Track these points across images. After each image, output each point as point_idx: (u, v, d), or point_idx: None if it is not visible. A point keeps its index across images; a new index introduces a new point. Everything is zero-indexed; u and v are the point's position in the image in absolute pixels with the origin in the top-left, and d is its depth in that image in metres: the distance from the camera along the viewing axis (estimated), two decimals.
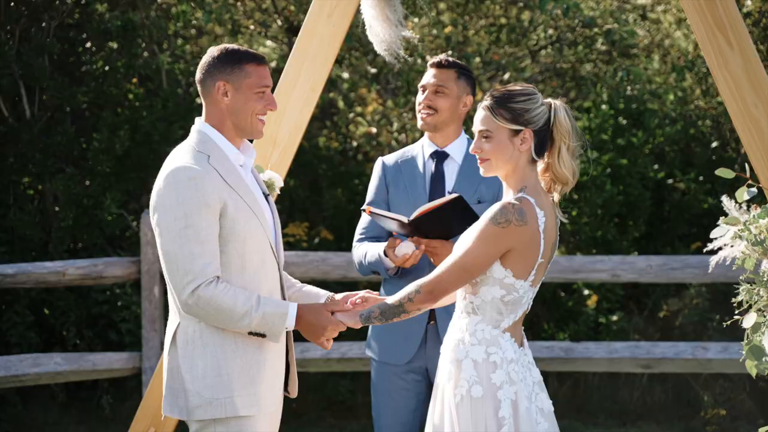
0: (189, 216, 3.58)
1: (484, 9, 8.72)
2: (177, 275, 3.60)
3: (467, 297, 3.74)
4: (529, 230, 3.63)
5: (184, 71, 8.17)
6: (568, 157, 3.71)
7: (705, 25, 4.30)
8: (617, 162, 7.98)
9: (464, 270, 3.64)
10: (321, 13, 4.62)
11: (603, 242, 7.89)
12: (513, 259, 3.65)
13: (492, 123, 3.68)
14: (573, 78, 8.84)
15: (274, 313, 3.66)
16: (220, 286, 3.59)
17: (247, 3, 8.62)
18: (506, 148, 3.68)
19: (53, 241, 7.64)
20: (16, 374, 6.76)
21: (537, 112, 3.68)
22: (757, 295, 3.82)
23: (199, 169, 3.62)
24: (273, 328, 3.66)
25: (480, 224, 3.65)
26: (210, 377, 3.68)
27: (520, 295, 3.73)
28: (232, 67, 3.73)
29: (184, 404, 3.72)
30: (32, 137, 7.66)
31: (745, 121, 4.25)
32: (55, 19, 7.79)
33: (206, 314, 3.62)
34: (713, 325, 7.66)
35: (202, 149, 3.71)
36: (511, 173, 3.71)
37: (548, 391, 3.89)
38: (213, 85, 3.74)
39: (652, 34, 9.19)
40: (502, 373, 3.67)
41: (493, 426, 3.63)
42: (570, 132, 3.70)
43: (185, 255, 3.58)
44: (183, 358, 3.71)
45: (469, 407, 3.65)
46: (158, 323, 6.86)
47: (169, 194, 3.60)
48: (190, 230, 3.58)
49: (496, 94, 3.70)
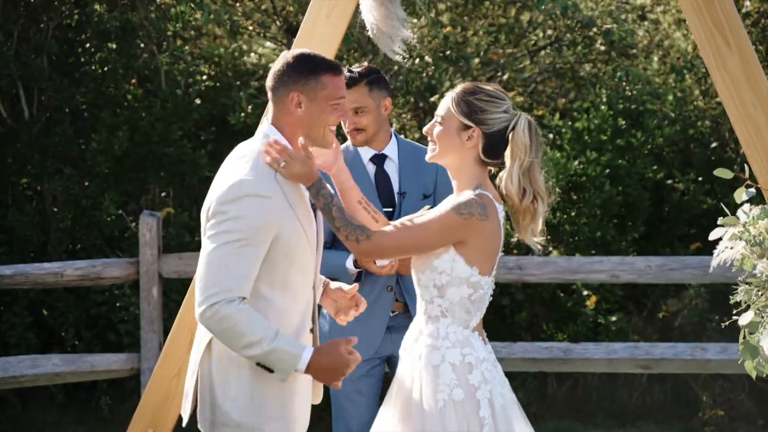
0: (242, 231, 3.47)
1: (483, 9, 8.71)
2: (204, 283, 3.50)
3: (434, 301, 3.72)
4: (490, 225, 3.65)
5: (183, 72, 8.16)
6: (516, 174, 3.68)
7: (703, 25, 4.29)
8: (616, 162, 7.97)
9: (413, 244, 3.64)
10: (319, 13, 4.61)
11: (602, 243, 7.88)
12: (476, 254, 3.66)
13: (448, 111, 3.71)
14: (572, 78, 8.83)
15: (288, 351, 3.51)
16: (241, 307, 3.47)
17: (246, 4, 8.61)
18: (452, 139, 3.69)
19: (52, 242, 7.64)
20: (14, 375, 6.75)
21: (494, 116, 3.68)
22: (756, 296, 3.82)
23: (267, 192, 3.50)
24: (282, 366, 3.53)
25: (441, 210, 3.66)
26: (242, 399, 3.59)
27: (485, 291, 3.74)
28: (307, 77, 3.59)
29: (210, 418, 3.64)
30: (31, 138, 7.66)
31: (744, 121, 4.24)
32: (53, 19, 7.78)
33: (218, 330, 3.50)
34: (712, 325, 7.66)
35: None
36: (459, 169, 3.72)
37: (547, 392, 3.92)
38: (286, 95, 3.60)
39: (651, 34, 9.18)
40: (478, 373, 3.69)
41: (476, 426, 3.64)
42: (526, 147, 3.67)
43: (221, 267, 3.48)
44: (217, 372, 3.62)
45: (453, 411, 3.65)
46: (157, 324, 6.85)
47: (230, 204, 3.49)
48: (236, 245, 3.47)
49: (465, 87, 3.73)
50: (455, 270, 3.67)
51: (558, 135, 8.46)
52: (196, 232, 7.96)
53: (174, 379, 4.78)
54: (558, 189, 7.98)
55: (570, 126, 8.21)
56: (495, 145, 3.69)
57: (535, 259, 7.06)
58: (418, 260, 3.73)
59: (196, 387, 3.69)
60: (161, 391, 4.81)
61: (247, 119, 7.87)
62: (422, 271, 3.72)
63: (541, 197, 3.73)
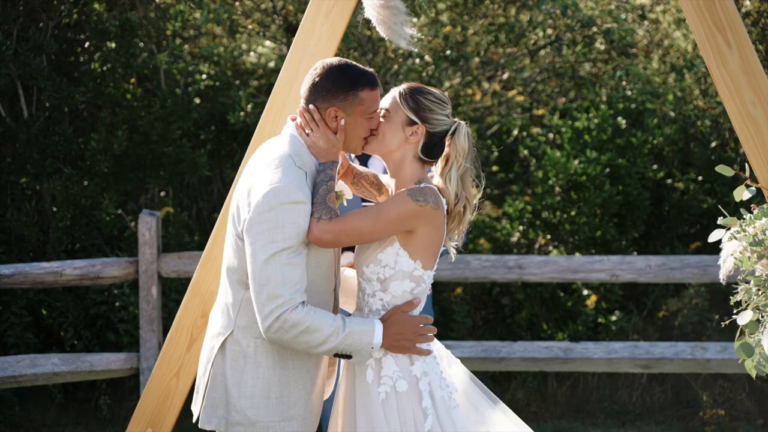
0: (287, 240, 3.53)
1: (483, 9, 8.70)
2: (262, 299, 3.54)
3: (377, 294, 3.80)
4: (440, 216, 3.76)
5: (183, 71, 8.15)
6: (455, 177, 3.81)
7: (703, 24, 4.29)
8: (616, 162, 7.96)
9: (367, 229, 3.68)
10: (319, 11, 4.60)
11: (602, 242, 7.88)
12: (422, 248, 3.75)
13: (395, 105, 3.82)
14: (572, 78, 8.82)
15: (361, 330, 3.61)
16: (306, 309, 3.54)
17: (246, 2, 8.60)
18: (397, 132, 3.80)
19: (51, 242, 7.63)
20: (13, 375, 6.75)
21: (438, 117, 3.81)
22: (755, 295, 3.81)
23: (302, 197, 3.57)
24: (360, 347, 3.61)
25: (396, 199, 3.73)
26: (257, 398, 3.64)
27: (426, 285, 3.84)
28: (346, 93, 3.66)
29: (224, 416, 3.67)
30: (30, 137, 7.65)
31: (744, 120, 4.24)
32: (53, 18, 7.77)
33: (292, 337, 3.55)
34: (712, 325, 7.65)
35: (300, 164, 3.64)
36: (399, 165, 3.82)
37: (547, 392, 3.95)
38: (324, 109, 3.67)
39: (651, 34, 9.18)
40: (419, 364, 3.78)
41: (420, 416, 3.73)
42: (465, 152, 3.83)
43: (277, 279, 3.52)
44: (232, 371, 3.66)
45: (395, 402, 3.72)
46: (156, 323, 6.84)
47: (269, 214, 3.54)
48: (285, 254, 3.53)
49: (412, 85, 3.85)
50: (399, 263, 3.75)
51: (558, 134, 8.46)
52: (195, 231, 7.95)
53: (173, 378, 4.78)
54: (558, 188, 7.98)
55: (570, 125, 8.21)
56: (434, 146, 3.83)
57: (535, 258, 7.05)
58: (363, 254, 3.80)
59: (207, 385, 3.70)
60: (160, 390, 4.81)
61: (246, 118, 7.86)
62: (366, 265, 3.80)
63: (470, 204, 3.88)
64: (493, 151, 8.77)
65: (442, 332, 7.76)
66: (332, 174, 3.70)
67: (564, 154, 8.01)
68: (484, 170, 8.90)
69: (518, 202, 8.18)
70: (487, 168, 8.95)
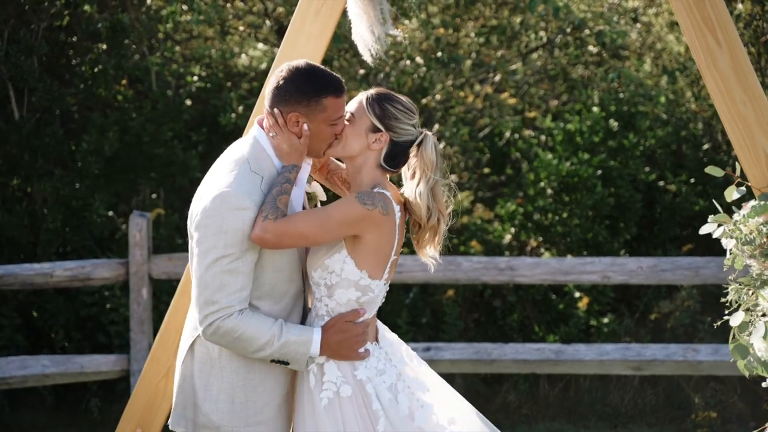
0: (229, 246, 3.48)
1: (475, 11, 8.70)
2: (200, 302, 3.52)
3: (323, 299, 3.73)
4: (389, 223, 3.67)
5: (174, 73, 8.14)
6: (426, 190, 3.72)
7: (694, 23, 4.29)
8: (608, 164, 7.97)
9: (312, 231, 3.59)
10: (308, 10, 4.59)
11: (594, 244, 7.87)
12: (368, 257, 3.67)
13: (361, 110, 3.73)
14: (564, 80, 8.83)
15: (297, 341, 3.57)
16: (241, 317, 3.50)
17: (238, 5, 8.59)
18: (359, 137, 3.72)
19: (41, 243, 7.61)
20: (2, 377, 6.72)
21: (403, 126, 3.73)
22: (746, 295, 3.81)
23: (248, 203, 3.51)
24: (296, 356, 3.58)
25: (343, 202, 3.65)
26: (222, 402, 3.62)
27: (375, 295, 3.75)
28: (309, 99, 3.59)
29: (192, 417, 3.65)
30: (21, 139, 7.63)
31: (734, 119, 4.23)
32: (44, 20, 7.76)
33: (228, 343, 3.53)
34: (704, 327, 7.65)
35: (257, 169, 3.59)
36: (359, 170, 3.75)
37: (538, 394, 3.91)
38: (286, 113, 3.60)
39: (644, 36, 9.19)
40: (363, 369, 3.72)
41: (368, 420, 3.68)
42: (433, 165, 3.74)
43: (215, 285, 3.49)
44: (199, 373, 3.65)
45: (339, 408, 3.67)
46: (146, 325, 6.83)
47: (214, 218, 3.50)
48: (225, 260, 3.49)
49: (380, 91, 3.77)
50: (344, 272, 3.67)
51: (550, 136, 8.46)
52: (186, 233, 7.93)
53: (162, 380, 4.76)
54: (550, 190, 7.98)
55: (562, 128, 8.21)
56: (397, 155, 3.74)
57: (526, 260, 7.04)
58: (313, 257, 3.74)
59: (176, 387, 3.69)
60: (149, 392, 4.79)
61: (237, 120, 7.85)
62: (314, 269, 3.73)
63: (443, 216, 3.78)
64: (485, 153, 8.77)
65: (433, 334, 7.75)
66: (290, 177, 3.62)
67: (556, 156, 8.01)
68: (476, 172, 8.89)
69: (510, 204, 8.18)
70: (479, 170, 8.94)
